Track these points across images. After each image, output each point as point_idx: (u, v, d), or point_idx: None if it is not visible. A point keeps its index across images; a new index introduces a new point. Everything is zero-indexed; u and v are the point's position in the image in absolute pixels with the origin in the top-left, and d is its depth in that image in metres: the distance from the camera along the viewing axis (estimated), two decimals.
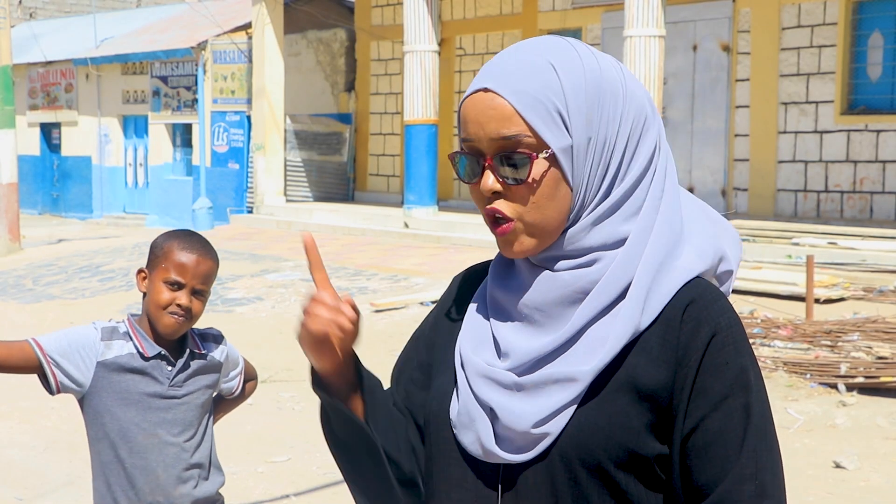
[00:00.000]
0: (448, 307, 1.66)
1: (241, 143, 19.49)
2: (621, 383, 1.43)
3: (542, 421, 1.43)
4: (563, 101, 1.43)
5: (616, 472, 1.43)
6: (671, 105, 14.85)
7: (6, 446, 6.68)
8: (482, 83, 1.46)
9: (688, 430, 1.43)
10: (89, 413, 2.75)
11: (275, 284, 12.12)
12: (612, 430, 1.42)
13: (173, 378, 2.75)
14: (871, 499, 5.48)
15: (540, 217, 1.45)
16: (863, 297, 9.60)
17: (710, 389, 1.43)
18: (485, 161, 1.45)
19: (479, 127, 1.45)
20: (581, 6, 16.11)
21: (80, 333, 2.73)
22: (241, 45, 19.20)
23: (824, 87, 13.65)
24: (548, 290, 1.47)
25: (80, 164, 23.39)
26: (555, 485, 1.44)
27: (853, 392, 7.10)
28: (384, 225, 15.92)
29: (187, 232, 2.82)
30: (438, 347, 1.63)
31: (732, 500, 1.41)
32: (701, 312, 1.45)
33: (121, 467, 2.72)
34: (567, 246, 1.47)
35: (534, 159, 1.43)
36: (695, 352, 1.43)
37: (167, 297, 2.69)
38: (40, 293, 12.81)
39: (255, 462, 6.23)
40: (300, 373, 8.47)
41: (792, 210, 13.98)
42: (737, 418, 1.43)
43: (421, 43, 15.10)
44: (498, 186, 1.45)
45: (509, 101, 1.43)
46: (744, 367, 1.44)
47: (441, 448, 1.54)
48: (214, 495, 2.86)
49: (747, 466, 1.42)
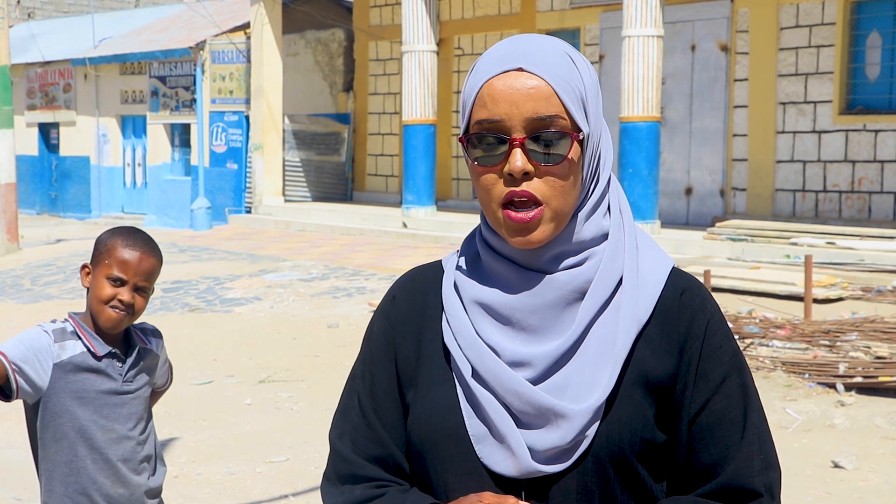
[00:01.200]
0: (401, 325, 1.58)
1: (239, 143, 19.48)
2: (634, 377, 1.46)
3: (581, 431, 1.43)
4: (584, 92, 1.46)
5: (637, 464, 1.45)
6: (669, 105, 14.85)
7: (4, 447, 6.67)
8: (514, 63, 1.43)
9: (693, 413, 1.47)
10: (46, 415, 2.77)
11: (273, 284, 12.12)
12: (634, 423, 1.45)
13: (125, 374, 2.80)
14: (869, 499, 5.48)
15: (564, 202, 1.44)
16: (861, 297, 9.60)
17: (711, 373, 1.48)
18: (514, 141, 1.42)
19: (513, 106, 1.41)
20: (579, 6, 16.11)
21: (33, 338, 2.75)
22: (239, 45, 19.19)
23: (822, 86, 13.65)
24: (546, 292, 1.45)
25: (78, 164, 23.37)
26: (587, 486, 1.44)
27: (851, 392, 7.09)
28: (382, 225, 15.91)
29: (132, 229, 2.87)
30: (409, 362, 1.55)
31: (745, 475, 1.46)
32: (694, 300, 1.50)
33: (81, 465, 2.76)
34: (572, 238, 1.47)
35: (574, 138, 1.43)
36: (695, 339, 1.48)
37: (109, 292, 2.74)
38: (38, 293, 12.80)
39: (253, 462, 6.23)
40: (298, 373, 8.47)
41: (790, 210, 13.98)
42: (736, 398, 1.48)
43: (419, 43, 15.10)
44: (530, 167, 1.41)
45: (548, 81, 1.42)
46: (735, 349, 1.51)
47: (452, 464, 1.48)
48: (161, 486, 2.94)
49: (753, 443, 1.47)
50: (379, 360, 1.58)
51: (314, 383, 8.13)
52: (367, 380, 1.58)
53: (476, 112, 1.44)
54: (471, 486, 1.46)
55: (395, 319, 1.59)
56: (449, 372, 1.51)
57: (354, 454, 1.54)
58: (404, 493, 1.51)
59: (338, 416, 1.60)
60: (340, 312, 10.50)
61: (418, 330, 1.56)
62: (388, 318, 1.60)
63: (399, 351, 1.57)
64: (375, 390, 1.56)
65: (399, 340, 1.57)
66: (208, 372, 8.56)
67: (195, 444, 6.57)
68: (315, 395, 7.78)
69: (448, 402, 1.49)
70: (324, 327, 9.98)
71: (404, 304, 1.59)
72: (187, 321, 10.58)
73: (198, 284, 12.42)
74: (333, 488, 1.56)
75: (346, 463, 1.55)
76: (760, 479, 1.46)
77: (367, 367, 1.59)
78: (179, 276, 12.77)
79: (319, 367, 8.66)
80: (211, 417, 7.24)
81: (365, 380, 1.58)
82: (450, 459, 1.48)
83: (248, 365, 8.82)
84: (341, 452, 1.56)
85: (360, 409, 1.56)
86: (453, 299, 1.52)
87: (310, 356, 9.03)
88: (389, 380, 1.56)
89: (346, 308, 10.66)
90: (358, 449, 1.54)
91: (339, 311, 10.58)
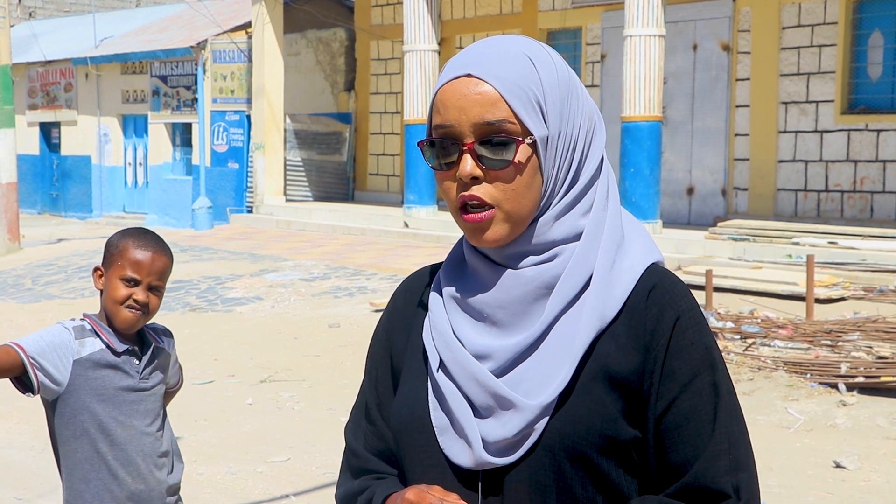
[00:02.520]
0: (396, 321, 1.64)
1: (240, 142, 19.48)
2: (595, 373, 1.46)
3: (530, 423, 1.44)
4: (541, 93, 1.46)
5: (599, 459, 1.45)
6: (671, 105, 14.84)
7: (5, 447, 6.67)
8: (463, 69, 1.46)
9: (660, 411, 1.47)
10: (65, 412, 2.80)
11: (274, 284, 12.11)
12: (592, 419, 1.44)
13: (142, 371, 2.85)
14: (871, 499, 5.47)
15: (517, 205, 1.46)
16: (863, 297, 9.60)
17: (679, 371, 1.47)
18: (463, 146, 1.45)
19: (461, 112, 1.44)
20: (581, 5, 16.10)
21: (55, 334, 2.80)
22: (240, 44, 19.19)
23: (824, 86, 13.64)
24: (511, 288, 1.48)
25: (79, 163, 23.37)
26: (540, 480, 1.45)
27: (853, 392, 7.09)
28: (384, 224, 15.91)
29: (141, 230, 2.92)
30: (400, 355, 1.61)
31: (710, 475, 1.44)
32: (663, 297, 1.49)
33: (102, 461, 2.80)
34: (533, 239, 1.48)
35: (519, 143, 1.44)
36: (661, 336, 1.47)
37: (124, 292, 2.79)
38: (39, 293, 12.80)
39: (254, 462, 6.23)
40: (299, 373, 8.46)
41: (792, 210, 13.97)
42: (706, 396, 1.47)
43: (421, 42, 15.10)
44: (478, 171, 1.44)
45: (495, 86, 1.44)
46: (708, 346, 1.49)
47: (418, 454, 1.53)
48: (179, 483, 2.98)
49: (721, 442, 1.46)
50: (379, 356, 1.65)
51: (315, 383, 8.13)
52: (372, 376, 1.65)
53: (433, 118, 1.49)
54: (433, 476, 1.49)
55: (392, 316, 1.66)
56: (424, 365, 1.55)
57: (363, 448, 1.62)
58: (385, 483, 1.57)
59: (353, 411, 1.68)
60: (342, 312, 10.49)
61: (409, 325, 1.62)
62: (389, 315, 1.67)
63: (393, 346, 1.63)
64: (378, 386, 1.63)
65: (393, 336, 1.64)
66: (209, 372, 8.56)
67: (196, 443, 6.56)
68: (316, 394, 7.78)
69: (419, 395, 1.53)
70: (325, 327, 9.98)
71: (401, 302, 1.66)
72: (188, 321, 10.58)
73: (199, 284, 12.42)
74: (343, 478, 1.65)
75: (356, 457, 1.63)
76: (727, 479, 1.44)
77: (372, 364, 1.66)
78: (180, 275, 12.76)
79: (320, 366, 8.65)
80: (212, 417, 7.23)
81: (370, 376, 1.66)
82: (417, 450, 1.52)
83: (249, 365, 8.82)
84: (352, 447, 1.64)
85: (366, 406, 1.64)
86: (435, 295, 1.56)
87: (311, 356, 9.03)
88: (388, 376, 1.63)
89: (347, 308, 10.65)
90: (367, 444, 1.62)
91: (340, 310, 10.58)
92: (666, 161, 14.50)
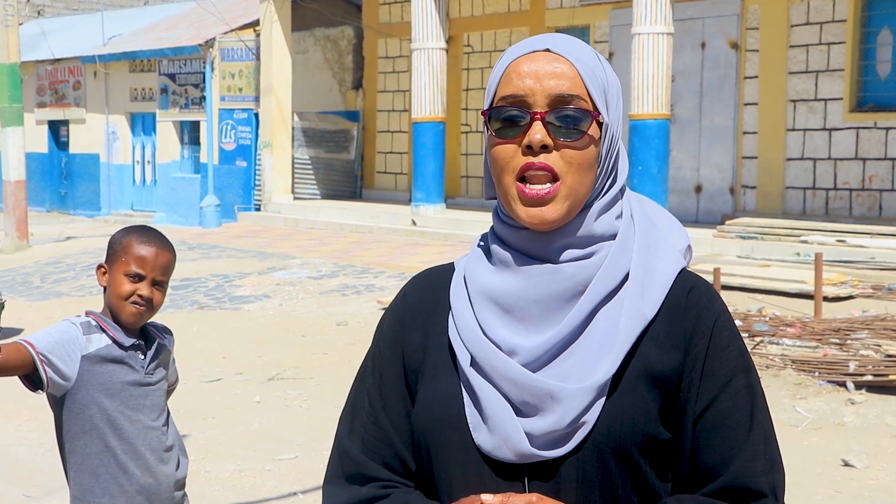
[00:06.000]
0: (409, 319, 1.59)
1: (248, 140, 19.50)
2: (639, 371, 1.46)
3: (579, 416, 1.43)
4: (606, 84, 1.50)
5: (639, 458, 1.45)
6: (679, 102, 14.82)
7: (14, 444, 6.69)
8: (541, 45, 1.48)
9: (699, 411, 1.47)
10: (73, 407, 2.83)
11: (282, 282, 12.13)
12: (636, 417, 1.45)
13: (147, 366, 2.90)
14: (879, 497, 5.46)
15: (579, 180, 1.47)
16: (871, 295, 9.58)
17: (718, 372, 1.48)
18: (535, 114, 1.45)
19: (538, 80, 1.45)
20: (589, 3, 16.08)
21: (63, 330, 2.83)
22: (248, 42, 19.21)
23: (833, 84, 13.61)
24: (550, 283, 1.47)
25: (87, 161, 23.42)
26: (586, 475, 1.45)
27: (862, 390, 7.07)
28: (392, 222, 15.91)
29: (144, 227, 2.98)
30: (415, 354, 1.57)
31: (748, 475, 1.45)
32: (702, 299, 1.51)
33: (111, 455, 2.83)
34: (579, 230, 1.49)
35: (595, 116, 1.46)
36: (702, 336, 1.49)
37: (128, 288, 2.83)
38: (48, 291, 12.83)
39: (262, 460, 6.24)
40: (307, 371, 8.47)
41: (800, 208, 13.94)
42: (743, 398, 1.48)
43: (429, 40, 15.10)
44: (549, 140, 1.45)
45: (574, 64, 1.47)
46: (742, 349, 1.51)
47: (452, 452, 1.49)
48: (185, 478, 3.01)
49: (758, 443, 1.47)
50: (387, 357, 1.59)
51: (323, 381, 8.14)
52: (377, 377, 1.59)
53: (501, 89, 1.48)
54: (471, 472, 1.47)
55: (403, 315, 1.61)
56: (452, 362, 1.52)
57: (363, 454, 1.54)
58: (407, 494, 1.51)
59: (346, 414, 1.60)
60: (349, 310, 10.50)
61: (425, 324, 1.58)
62: (397, 315, 1.62)
63: (406, 345, 1.58)
64: (384, 388, 1.57)
65: (406, 334, 1.59)
66: (217, 370, 8.57)
67: (204, 441, 6.57)
68: (324, 392, 7.79)
69: (450, 392, 1.50)
70: (333, 325, 9.99)
71: (414, 300, 1.61)
72: (196, 319, 10.60)
73: (207, 282, 12.44)
74: (339, 488, 1.55)
75: (354, 463, 1.54)
76: (764, 479, 1.46)
77: (377, 365, 1.60)
78: (188, 273, 12.79)
79: (328, 364, 8.66)
80: (220, 415, 7.24)
81: (374, 377, 1.59)
82: (451, 448, 1.49)
83: (257, 363, 8.83)
84: (349, 452, 1.55)
85: (370, 408, 1.57)
86: (460, 291, 1.54)
87: (319, 354, 9.03)
88: (397, 377, 1.57)
89: (355, 306, 10.66)
90: (367, 449, 1.54)
91: (348, 308, 10.58)
92: (674, 159, 14.48)
